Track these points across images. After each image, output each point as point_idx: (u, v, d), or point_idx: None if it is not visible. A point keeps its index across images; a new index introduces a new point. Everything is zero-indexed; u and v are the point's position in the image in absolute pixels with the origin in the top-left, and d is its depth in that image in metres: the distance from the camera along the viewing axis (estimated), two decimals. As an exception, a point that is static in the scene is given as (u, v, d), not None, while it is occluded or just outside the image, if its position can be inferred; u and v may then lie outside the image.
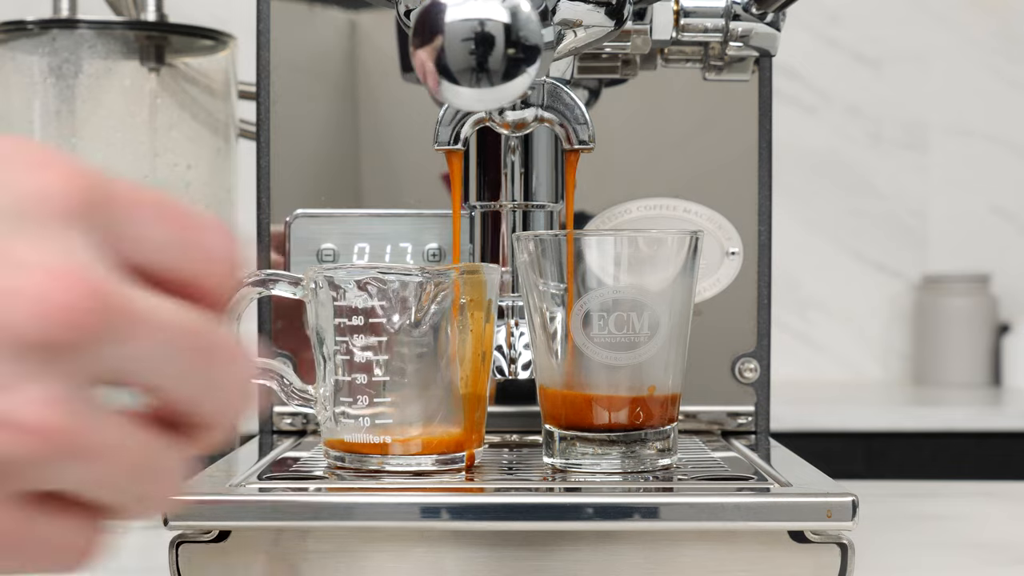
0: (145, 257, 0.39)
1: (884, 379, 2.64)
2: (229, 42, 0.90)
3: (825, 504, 0.55)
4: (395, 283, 0.60)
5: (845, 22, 2.64)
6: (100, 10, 0.92)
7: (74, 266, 0.36)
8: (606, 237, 0.63)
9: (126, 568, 0.71)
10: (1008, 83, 2.64)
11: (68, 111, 0.85)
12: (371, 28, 0.81)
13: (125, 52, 0.86)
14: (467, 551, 0.57)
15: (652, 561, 0.56)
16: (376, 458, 0.60)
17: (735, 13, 0.74)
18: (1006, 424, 2.12)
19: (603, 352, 0.62)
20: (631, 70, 0.81)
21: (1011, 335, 2.44)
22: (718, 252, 0.80)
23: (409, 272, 0.60)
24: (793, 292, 2.62)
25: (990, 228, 2.64)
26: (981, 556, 0.69)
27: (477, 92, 0.53)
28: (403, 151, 0.81)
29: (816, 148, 2.63)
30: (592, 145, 0.68)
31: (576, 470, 0.62)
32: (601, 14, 0.64)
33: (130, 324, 0.37)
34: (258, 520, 0.55)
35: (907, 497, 0.90)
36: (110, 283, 0.36)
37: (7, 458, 0.35)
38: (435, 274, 0.60)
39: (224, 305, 0.42)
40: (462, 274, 0.61)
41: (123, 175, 0.46)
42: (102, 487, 0.38)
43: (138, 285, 0.38)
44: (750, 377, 0.80)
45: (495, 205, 0.69)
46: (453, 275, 0.61)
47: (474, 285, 0.61)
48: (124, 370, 0.38)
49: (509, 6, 0.53)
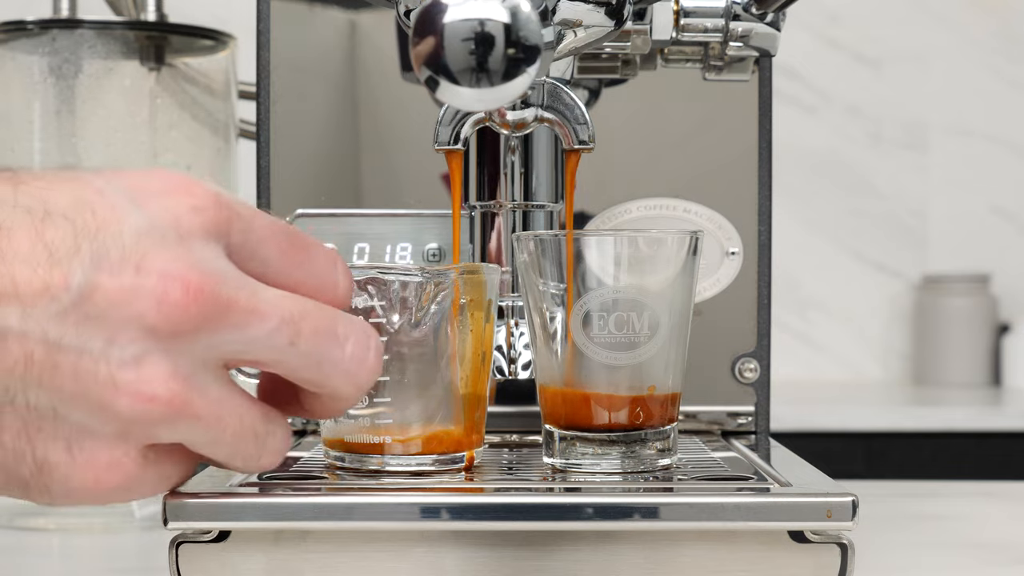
0: (268, 274, 0.49)
1: (884, 379, 2.64)
2: (229, 42, 0.90)
3: (825, 504, 0.55)
4: (395, 283, 0.60)
5: (845, 22, 2.64)
6: (100, 10, 0.92)
7: (187, 270, 0.46)
8: (606, 237, 0.63)
9: (126, 568, 0.71)
10: (1008, 83, 2.64)
11: (68, 111, 0.85)
12: (371, 28, 0.81)
13: (125, 52, 0.86)
14: (467, 551, 0.57)
15: (652, 561, 0.56)
16: (376, 458, 0.60)
17: (735, 13, 0.74)
18: (1006, 424, 2.12)
19: (603, 352, 0.62)
20: (631, 70, 0.81)
21: (1011, 335, 2.44)
22: (718, 252, 0.80)
23: (409, 272, 0.60)
24: (793, 292, 2.62)
25: (990, 228, 2.64)
26: (981, 556, 0.69)
27: (477, 92, 0.53)
28: (403, 151, 0.81)
29: (816, 148, 2.63)
30: (592, 145, 0.68)
31: (576, 470, 0.62)
32: (601, 14, 0.64)
33: (240, 315, 0.47)
34: (258, 520, 0.55)
35: (907, 497, 0.90)
36: (221, 284, 0.46)
37: (137, 419, 0.46)
38: (435, 274, 0.60)
39: None
40: (462, 274, 0.61)
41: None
42: (209, 446, 0.49)
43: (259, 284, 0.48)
44: (750, 377, 0.80)
45: (495, 205, 0.70)
46: (453, 275, 0.61)
47: (474, 285, 0.61)
48: (242, 352, 0.48)
49: (509, 6, 0.53)
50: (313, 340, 0.49)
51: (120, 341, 0.45)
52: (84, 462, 0.46)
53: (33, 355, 0.44)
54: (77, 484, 0.47)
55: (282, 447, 0.51)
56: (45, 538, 0.76)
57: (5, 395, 0.45)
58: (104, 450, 0.46)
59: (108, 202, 0.46)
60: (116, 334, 0.45)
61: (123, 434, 0.46)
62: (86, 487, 0.47)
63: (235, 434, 0.48)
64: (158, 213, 0.47)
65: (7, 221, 0.45)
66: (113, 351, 0.45)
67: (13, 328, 0.44)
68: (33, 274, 0.44)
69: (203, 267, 0.46)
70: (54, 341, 0.44)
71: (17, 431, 0.45)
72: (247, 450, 0.50)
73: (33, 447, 0.46)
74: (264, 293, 0.48)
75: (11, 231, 0.45)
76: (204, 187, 0.48)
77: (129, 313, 0.45)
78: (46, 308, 0.44)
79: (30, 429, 0.45)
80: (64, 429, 0.46)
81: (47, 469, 0.46)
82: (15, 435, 0.45)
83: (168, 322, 0.45)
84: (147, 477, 0.48)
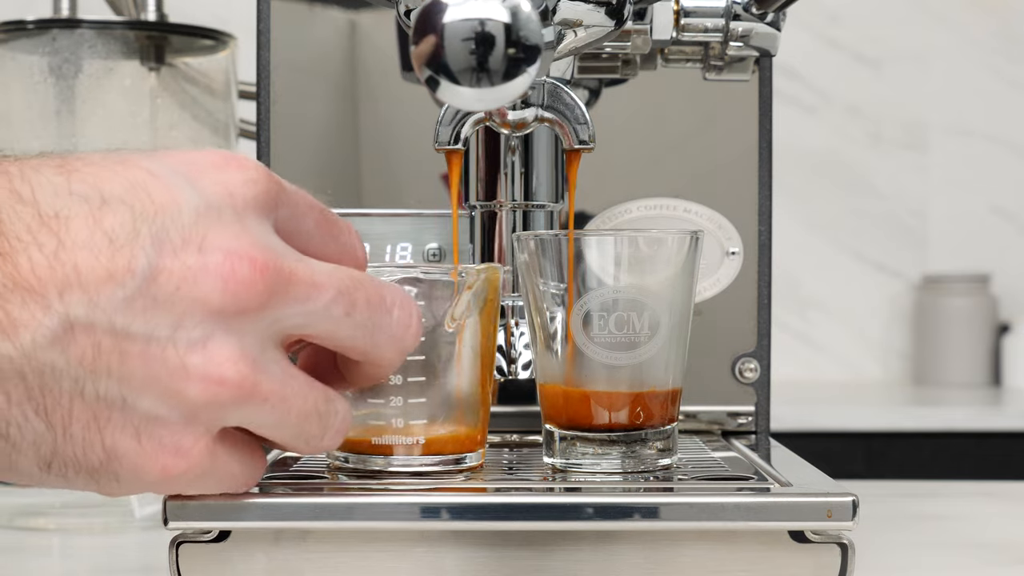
0: (306, 246, 0.50)
1: (884, 379, 2.64)
2: (229, 42, 0.90)
3: (825, 504, 0.55)
4: (437, 283, 0.59)
5: (845, 22, 2.64)
6: (100, 10, 0.92)
7: (250, 247, 0.46)
8: (606, 237, 0.63)
9: (126, 568, 0.71)
10: (1008, 83, 2.64)
11: (68, 111, 0.85)
12: (371, 28, 0.81)
13: (125, 52, 0.86)
14: (467, 551, 0.57)
15: (652, 561, 0.56)
16: (380, 459, 0.60)
17: (735, 13, 0.74)
18: (1006, 424, 2.12)
19: (603, 352, 0.62)
20: (631, 70, 0.81)
21: (1011, 335, 2.44)
22: (718, 252, 0.80)
23: (446, 273, 0.60)
24: (793, 292, 2.62)
25: (990, 228, 2.64)
26: (981, 556, 0.69)
27: (477, 92, 0.53)
28: (403, 151, 0.81)
29: (816, 148, 2.63)
30: (592, 145, 0.68)
31: (576, 470, 0.62)
32: (601, 14, 0.64)
33: (302, 288, 0.47)
34: (258, 520, 0.55)
35: (907, 497, 0.90)
36: (281, 258, 0.46)
37: (208, 403, 0.46)
38: (467, 274, 0.60)
39: None
40: (481, 273, 0.61)
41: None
42: (275, 428, 0.48)
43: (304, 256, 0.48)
44: (750, 377, 0.80)
45: (495, 205, 0.70)
46: (483, 275, 0.60)
47: (492, 285, 0.61)
48: (302, 325, 0.48)
49: (509, 6, 0.53)
50: (367, 309, 0.49)
51: (187, 324, 0.45)
52: (152, 450, 0.46)
53: (101, 345, 0.44)
54: (145, 472, 0.46)
55: (343, 426, 0.51)
56: (45, 538, 0.76)
57: (75, 386, 0.44)
58: (172, 436, 0.46)
59: (163, 183, 0.46)
60: (183, 317, 0.45)
61: (191, 419, 0.46)
62: (153, 475, 0.47)
63: (300, 414, 0.49)
64: (212, 190, 0.46)
65: (64, 210, 0.44)
66: (180, 335, 0.45)
67: (80, 319, 0.44)
68: (96, 261, 0.44)
69: (263, 243, 0.46)
70: (121, 329, 0.44)
71: (87, 422, 0.45)
72: (311, 430, 0.50)
73: (102, 436, 0.45)
74: (318, 266, 0.48)
75: (68, 220, 0.44)
76: (253, 161, 0.48)
77: (196, 294, 0.45)
78: (112, 295, 0.44)
79: (100, 419, 0.45)
80: (133, 417, 0.45)
81: (116, 457, 0.46)
82: (84, 426, 0.45)
83: (235, 300, 0.45)
84: (214, 469, 0.48)
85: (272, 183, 0.48)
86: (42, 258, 0.44)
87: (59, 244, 0.44)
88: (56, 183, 0.45)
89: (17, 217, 0.44)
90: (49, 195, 0.45)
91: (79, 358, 0.44)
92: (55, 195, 0.45)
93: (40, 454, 0.46)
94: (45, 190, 0.45)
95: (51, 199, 0.45)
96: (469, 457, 0.62)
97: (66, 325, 0.44)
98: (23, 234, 0.44)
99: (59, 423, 0.45)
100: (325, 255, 0.51)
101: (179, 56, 0.88)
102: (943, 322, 2.47)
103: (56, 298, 0.44)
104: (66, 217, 0.44)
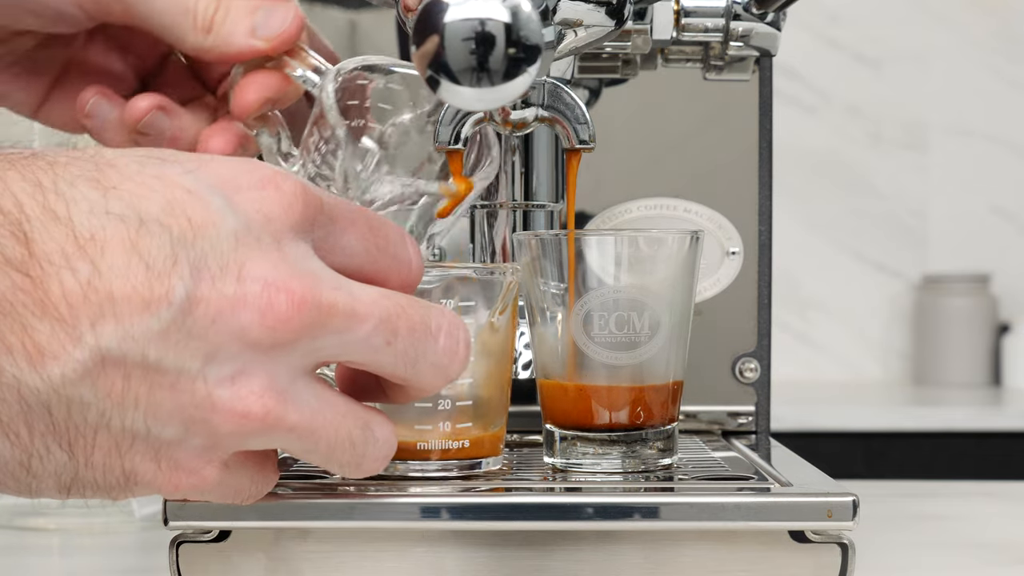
0: (348, 262, 0.48)
1: (884, 379, 2.64)
2: (229, 42, 0.90)
3: (825, 504, 0.55)
4: (490, 281, 0.58)
5: (845, 22, 2.64)
6: (100, 10, 0.92)
7: (289, 277, 0.44)
8: (606, 237, 0.63)
9: (126, 568, 0.71)
10: (1008, 83, 2.64)
11: (68, 111, 0.85)
12: (371, 28, 0.81)
13: (125, 52, 0.86)
14: (467, 551, 0.57)
15: (652, 561, 0.56)
16: (395, 463, 0.59)
17: (735, 13, 0.74)
18: (1006, 424, 2.12)
19: (604, 352, 0.62)
20: (631, 70, 0.81)
21: (1011, 335, 2.44)
22: (718, 252, 0.80)
23: (494, 272, 0.59)
24: (793, 292, 2.62)
25: (990, 228, 2.64)
26: (981, 556, 0.69)
27: (477, 92, 0.53)
28: (403, 151, 0.81)
29: (816, 148, 2.63)
30: (592, 145, 0.68)
31: (576, 470, 0.62)
32: (601, 14, 0.64)
33: (341, 320, 0.45)
34: (258, 520, 0.55)
35: (907, 497, 0.90)
36: (321, 288, 0.45)
37: (230, 434, 0.45)
38: (511, 272, 0.59)
39: None
40: (518, 272, 0.60)
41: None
42: (304, 454, 0.47)
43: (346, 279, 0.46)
44: (750, 377, 0.80)
45: (495, 205, 0.69)
46: (518, 274, 0.60)
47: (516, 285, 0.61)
48: (339, 354, 0.46)
49: (510, 6, 0.53)
50: (409, 338, 0.47)
51: (219, 358, 0.43)
52: (168, 470, 0.45)
53: (131, 377, 0.43)
54: (157, 488, 0.46)
55: (384, 454, 0.49)
56: (45, 538, 0.76)
57: (100, 419, 0.43)
58: (190, 460, 0.45)
59: (201, 203, 0.44)
60: (216, 350, 0.43)
61: (212, 447, 0.45)
62: (164, 490, 0.46)
63: (329, 445, 0.47)
64: (250, 212, 0.45)
65: (100, 232, 0.42)
66: (211, 369, 0.43)
67: (112, 351, 0.42)
68: (132, 290, 0.42)
69: (301, 271, 0.45)
70: (154, 363, 0.43)
71: (108, 450, 0.44)
72: (342, 458, 0.48)
73: (123, 462, 0.45)
74: (359, 292, 0.46)
75: (105, 244, 0.42)
76: (291, 180, 0.46)
77: (232, 327, 0.43)
78: (147, 327, 0.42)
79: (122, 447, 0.44)
80: (155, 444, 0.45)
81: (133, 479, 0.45)
82: (106, 453, 0.44)
83: (272, 335, 0.44)
84: (223, 485, 0.47)
85: (311, 202, 0.46)
86: (75, 284, 0.42)
87: (93, 270, 0.42)
88: (92, 200, 0.43)
89: (50, 237, 0.42)
90: (85, 213, 0.42)
91: (107, 391, 0.43)
92: (91, 213, 0.42)
93: (61, 482, 0.45)
94: (80, 207, 0.43)
95: (87, 219, 0.42)
96: (491, 462, 0.61)
97: (96, 359, 0.42)
98: (55, 257, 0.42)
99: (81, 453, 0.44)
100: (374, 271, 0.49)
101: (179, 56, 0.88)
102: (943, 322, 2.47)
103: (88, 329, 0.42)
104: (102, 240, 0.42)
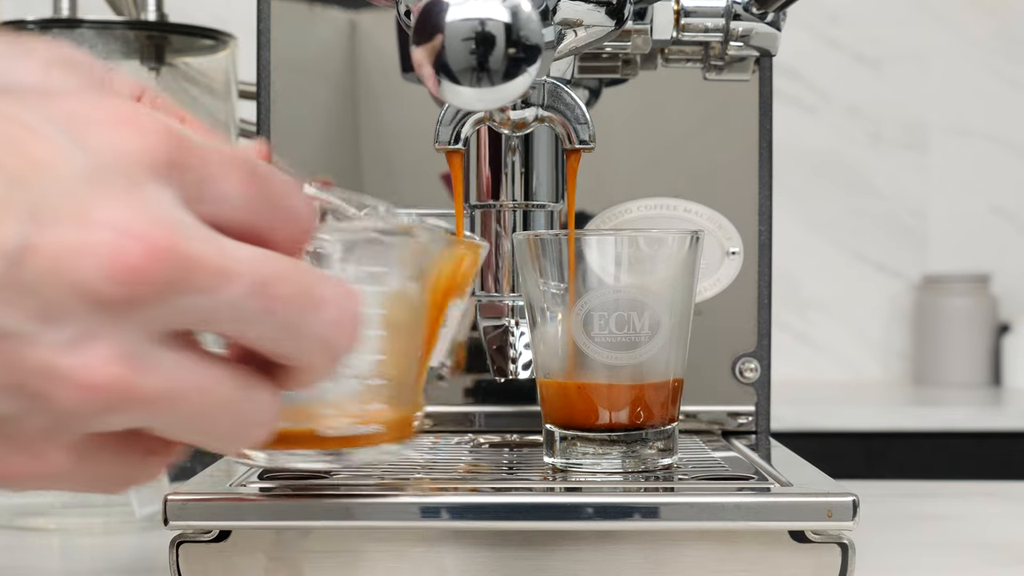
0: (222, 213, 0.40)
1: (884, 379, 2.64)
2: (229, 42, 0.90)
3: (826, 504, 0.55)
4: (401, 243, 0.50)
5: (845, 22, 2.64)
6: (100, 10, 0.92)
7: (146, 223, 0.37)
8: (607, 237, 0.63)
9: (126, 568, 0.71)
10: (1008, 83, 2.64)
11: (68, 111, 0.85)
12: (371, 28, 0.81)
13: (125, 52, 0.86)
14: (467, 551, 0.57)
15: (652, 561, 0.56)
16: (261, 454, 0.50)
17: (735, 13, 0.74)
18: (1006, 424, 2.12)
19: (604, 352, 0.62)
20: (631, 70, 0.81)
21: (1011, 335, 2.44)
22: (718, 252, 0.80)
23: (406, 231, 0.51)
24: (793, 292, 2.62)
25: (990, 228, 2.64)
26: (981, 556, 0.69)
27: (477, 92, 0.53)
28: (403, 151, 0.81)
29: (816, 148, 2.63)
30: (593, 145, 0.68)
31: (577, 470, 0.62)
32: (601, 14, 0.64)
33: (208, 276, 0.38)
34: (258, 520, 0.55)
35: (907, 497, 0.90)
36: (185, 238, 0.37)
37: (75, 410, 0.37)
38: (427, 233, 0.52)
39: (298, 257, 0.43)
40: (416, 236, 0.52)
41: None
42: (174, 431, 0.40)
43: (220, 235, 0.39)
44: (750, 377, 0.80)
45: (495, 205, 0.69)
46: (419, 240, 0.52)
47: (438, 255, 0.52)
48: (204, 320, 0.39)
49: (510, 6, 0.53)
50: (288, 305, 0.40)
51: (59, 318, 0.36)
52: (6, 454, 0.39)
53: None
54: None
55: (268, 417, 0.42)
56: (45, 538, 0.76)
57: None
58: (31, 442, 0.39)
59: (41, 138, 0.37)
60: (55, 309, 0.36)
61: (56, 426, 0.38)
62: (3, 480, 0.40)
63: (201, 413, 0.40)
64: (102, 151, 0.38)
65: None
66: (49, 332, 0.36)
67: None
68: None
69: (161, 218, 0.37)
70: None
71: None
72: (221, 428, 0.41)
73: None
74: (232, 248, 0.39)
75: None
76: (153, 117, 0.39)
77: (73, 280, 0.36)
78: None
79: None
80: None
81: None
82: None
83: (122, 290, 0.36)
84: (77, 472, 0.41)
85: (174, 144, 0.39)
86: None
87: None
88: None
89: None
90: None
91: None
92: None
93: None
94: None
95: None
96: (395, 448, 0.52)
97: None
98: None
99: None
100: (255, 225, 0.41)
101: (179, 56, 0.88)
102: (943, 322, 2.47)
103: None
104: None
